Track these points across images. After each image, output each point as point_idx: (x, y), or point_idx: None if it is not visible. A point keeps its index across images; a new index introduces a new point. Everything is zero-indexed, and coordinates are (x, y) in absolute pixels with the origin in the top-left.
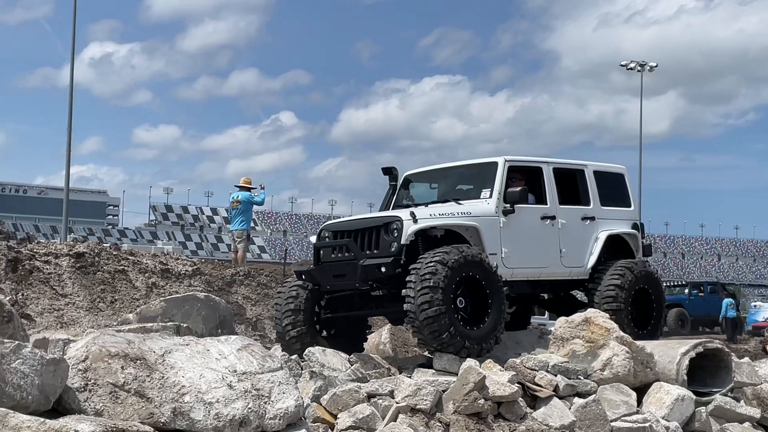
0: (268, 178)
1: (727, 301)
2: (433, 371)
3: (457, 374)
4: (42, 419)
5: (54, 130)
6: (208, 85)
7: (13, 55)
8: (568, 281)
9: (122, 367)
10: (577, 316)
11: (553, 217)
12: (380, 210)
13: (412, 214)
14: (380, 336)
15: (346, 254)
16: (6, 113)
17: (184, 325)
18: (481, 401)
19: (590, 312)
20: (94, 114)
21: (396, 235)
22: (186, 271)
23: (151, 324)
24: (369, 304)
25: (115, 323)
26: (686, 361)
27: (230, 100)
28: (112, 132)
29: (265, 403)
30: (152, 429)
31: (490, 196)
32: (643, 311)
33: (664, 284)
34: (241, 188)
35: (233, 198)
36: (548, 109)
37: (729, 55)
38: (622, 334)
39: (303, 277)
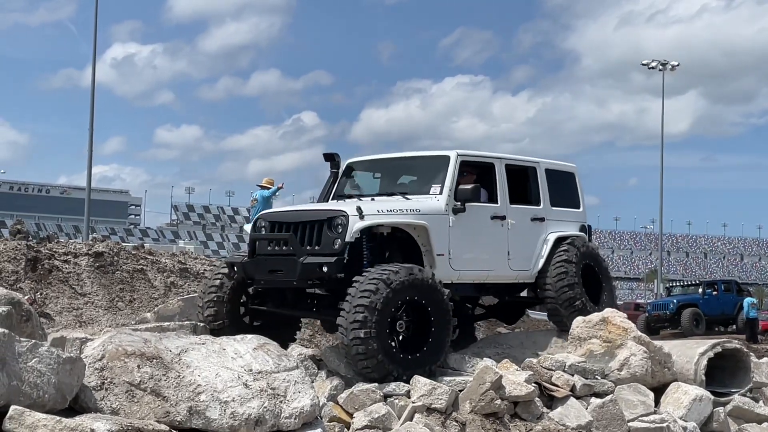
0: (289, 178)
1: (748, 300)
2: (450, 370)
3: (466, 373)
4: (58, 418)
5: (77, 131)
6: (229, 86)
7: (36, 57)
8: (513, 285)
9: (138, 366)
10: (595, 316)
11: (503, 217)
12: (320, 199)
13: (359, 209)
14: None
15: (284, 248)
16: (29, 114)
17: (201, 324)
18: (498, 401)
19: (608, 312)
20: (117, 114)
21: (340, 231)
22: (204, 270)
23: (168, 323)
24: (302, 302)
25: (133, 322)
26: (704, 361)
27: (252, 100)
28: (135, 132)
29: (281, 402)
30: (168, 428)
31: (440, 193)
32: (591, 288)
33: (680, 284)
34: (263, 188)
35: (252, 197)
36: (569, 109)
37: (751, 54)
38: (639, 334)
39: (235, 269)
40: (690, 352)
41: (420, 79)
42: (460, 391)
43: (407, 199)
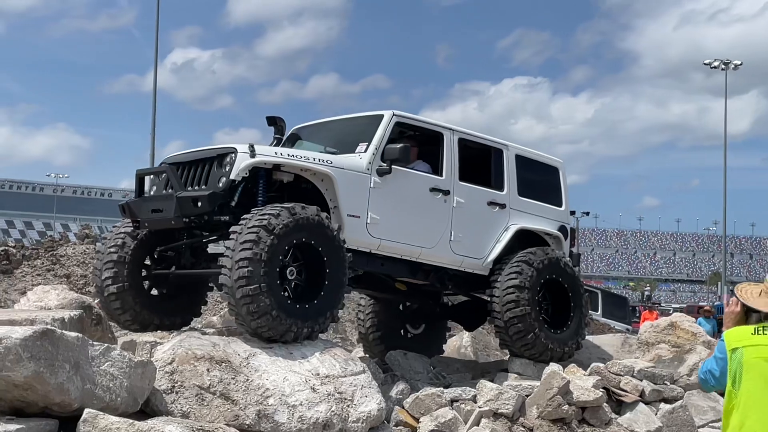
0: None
1: None
2: (516, 375)
3: (532, 378)
4: (131, 421)
5: (138, 135)
6: (287, 90)
7: (98, 62)
8: (464, 276)
9: (208, 370)
10: (663, 321)
11: (447, 192)
12: None
13: (251, 147)
14: (461, 339)
15: (170, 190)
16: (92, 119)
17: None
18: (565, 406)
19: (676, 316)
20: (177, 118)
21: (228, 169)
22: None
23: (235, 326)
24: (200, 261)
25: (200, 326)
26: None
27: (310, 104)
28: (195, 136)
29: (348, 406)
30: (237, 431)
31: (365, 151)
32: (559, 307)
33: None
34: None
35: None
36: (628, 110)
37: None
38: (709, 338)
39: (123, 210)
40: None
41: (478, 81)
42: (527, 396)
43: (328, 154)
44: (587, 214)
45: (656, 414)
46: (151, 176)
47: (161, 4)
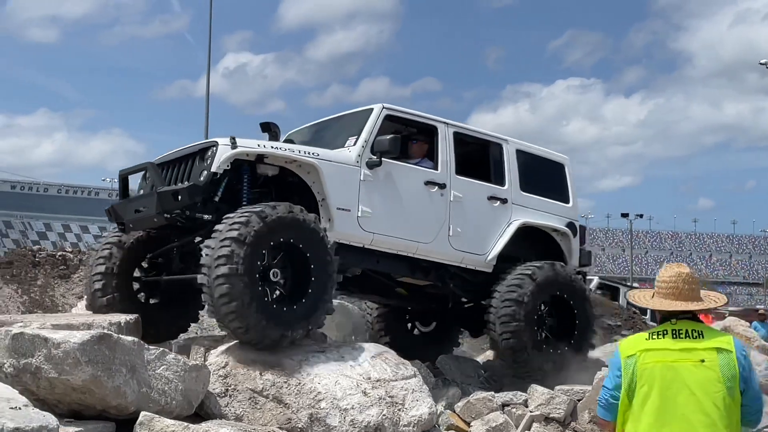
0: None
1: None
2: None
3: (583, 382)
4: (185, 424)
5: (191, 139)
6: (338, 93)
7: (151, 68)
8: (468, 275)
9: (261, 373)
10: (716, 325)
11: (443, 186)
12: None
13: (233, 139)
14: None
15: (153, 189)
16: (146, 124)
17: (319, 331)
18: None
19: (730, 320)
20: (229, 123)
21: (209, 162)
22: None
23: None
24: (190, 266)
25: None
26: None
27: (359, 107)
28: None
29: (399, 410)
30: None
31: (355, 144)
32: (564, 325)
33: None
34: None
35: None
36: (682, 110)
37: None
38: (763, 343)
39: (110, 214)
40: None
41: (530, 83)
42: (579, 400)
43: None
44: (641, 216)
45: None
46: (139, 179)
47: (214, 8)
